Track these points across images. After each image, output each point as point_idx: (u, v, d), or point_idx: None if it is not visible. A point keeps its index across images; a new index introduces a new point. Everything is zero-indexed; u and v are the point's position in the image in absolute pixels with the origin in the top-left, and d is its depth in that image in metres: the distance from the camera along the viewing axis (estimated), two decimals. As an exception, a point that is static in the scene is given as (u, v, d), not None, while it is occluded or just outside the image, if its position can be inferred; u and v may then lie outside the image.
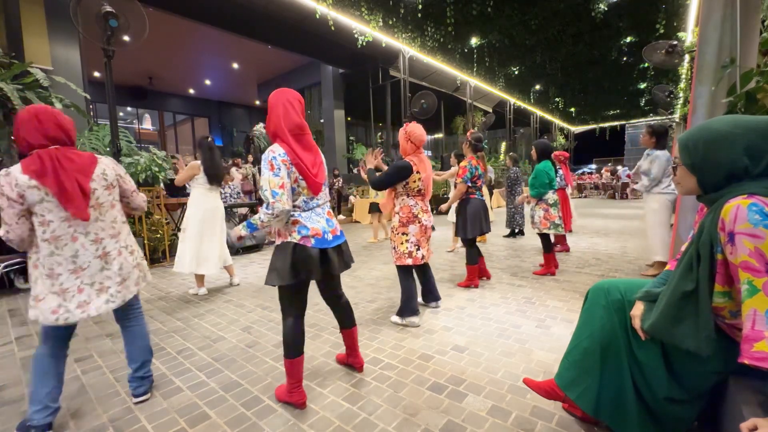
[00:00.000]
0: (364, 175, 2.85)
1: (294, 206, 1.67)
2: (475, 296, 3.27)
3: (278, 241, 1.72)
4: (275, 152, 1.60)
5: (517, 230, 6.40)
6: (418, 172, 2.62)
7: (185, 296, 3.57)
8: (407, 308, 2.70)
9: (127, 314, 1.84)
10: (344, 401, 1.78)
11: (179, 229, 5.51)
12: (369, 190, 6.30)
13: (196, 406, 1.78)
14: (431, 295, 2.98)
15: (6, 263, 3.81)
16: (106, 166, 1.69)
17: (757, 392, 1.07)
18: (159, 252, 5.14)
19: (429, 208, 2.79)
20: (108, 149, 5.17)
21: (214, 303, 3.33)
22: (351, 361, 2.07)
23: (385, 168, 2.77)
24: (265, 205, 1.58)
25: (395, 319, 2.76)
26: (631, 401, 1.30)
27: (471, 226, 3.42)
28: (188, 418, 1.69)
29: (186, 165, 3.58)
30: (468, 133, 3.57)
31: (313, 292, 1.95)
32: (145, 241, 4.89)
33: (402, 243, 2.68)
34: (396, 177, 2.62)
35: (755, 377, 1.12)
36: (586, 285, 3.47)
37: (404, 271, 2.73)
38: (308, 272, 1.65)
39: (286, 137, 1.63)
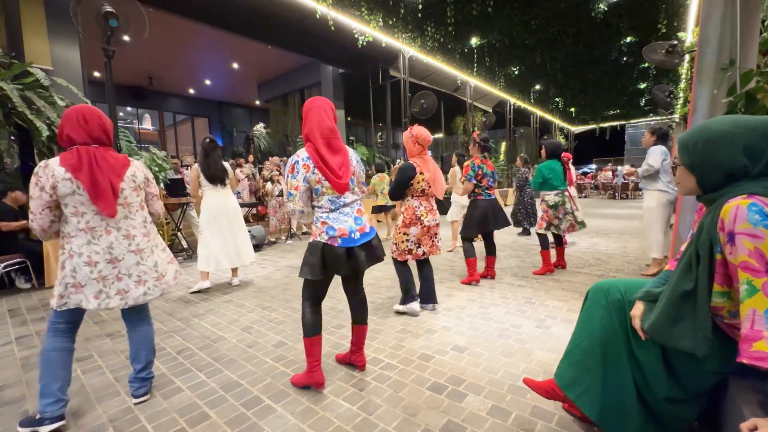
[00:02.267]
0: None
1: (320, 206, 1.81)
2: (475, 296, 3.28)
3: (311, 239, 1.84)
4: (299, 156, 1.78)
5: (521, 229, 6.60)
6: (421, 173, 2.73)
7: (185, 296, 3.57)
8: (408, 296, 2.85)
9: (139, 315, 1.89)
10: (344, 401, 1.78)
11: (179, 229, 5.53)
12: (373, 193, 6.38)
13: (196, 406, 1.78)
14: (428, 298, 2.97)
15: (6, 263, 3.80)
16: (137, 169, 1.80)
17: (757, 392, 1.07)
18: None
19: (434, 208, 2.90)
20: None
21: (214, 303, 3.33)
22: (353, 359, 2.09)
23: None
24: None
25: (398, 307, 2.90)
26: (631, 401, 1.30)
27: (470, 227, 3.52)
28: (188, 418, 1.69)
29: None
30: (474, 134, 3.65)
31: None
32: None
33: (403, 241, 2.83)
34: (404, 180, 2.76)
35: (755, 377, 1.12)
36: (586, 285, 3.47)
37: (399, 263, 2.89)
38: (335, 269, 1.80)
39: (316, 141, 1.78)
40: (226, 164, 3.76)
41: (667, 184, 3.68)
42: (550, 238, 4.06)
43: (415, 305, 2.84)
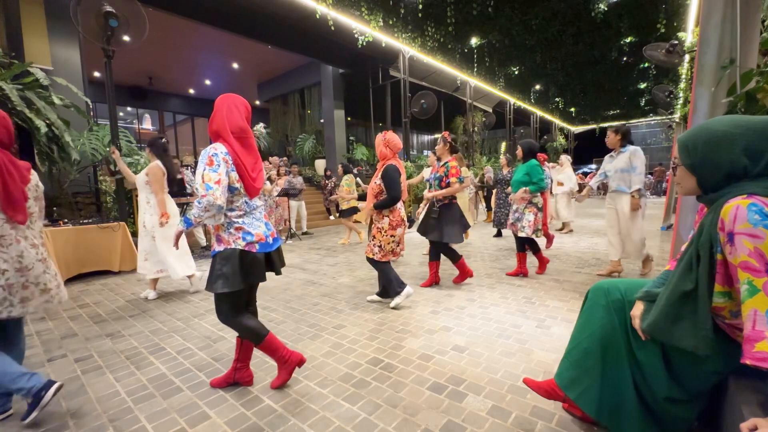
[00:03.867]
0: (370, 206, 3.03)
1: (233, 208, 1.71)
2: (475, 296, 3.27)
3: (220, 248, 1.72)
4: (217, 149, 1.64)
5: (496, 231, 6.49)
6: (400, 174, 2.92)
7: (185, 296, 3.56)
8: (397, 282, 2.95)
9: (19, 324, 1.79)
10: (344, 401, 1.78)
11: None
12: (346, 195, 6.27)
13: (196, 406, 1.78)
14: (385, 291, 3.14)
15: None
16: (36, 179, 1.74)
17: (757, 392, 1.07)
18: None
19: (401, 206, 3.05)
20: (108, 149, 5.17)
21: (214, 303, 3.33)
22: (238, 376, 1.92)
23: None
24: (197, 199, 1.61)
25: (396, 302, 2.97)
26: (631, 401, 1.30)
27: (458, 233, 3.41)
28: (188, 418, 1.69)
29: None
30: (445, 134, 3.55)
31: (325, 294, 1.95)
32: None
33: (389, 243, 2.96)
34: (398, 182, 2.87)
35: (755, 377, 1.12)
36: (586, 285, 3.47)
37: (382, 264, 2.99)
38: (255, 277, 1.73)
39: (228, 137, 1.68)
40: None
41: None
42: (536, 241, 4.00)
43: (408, 289, 2.97)
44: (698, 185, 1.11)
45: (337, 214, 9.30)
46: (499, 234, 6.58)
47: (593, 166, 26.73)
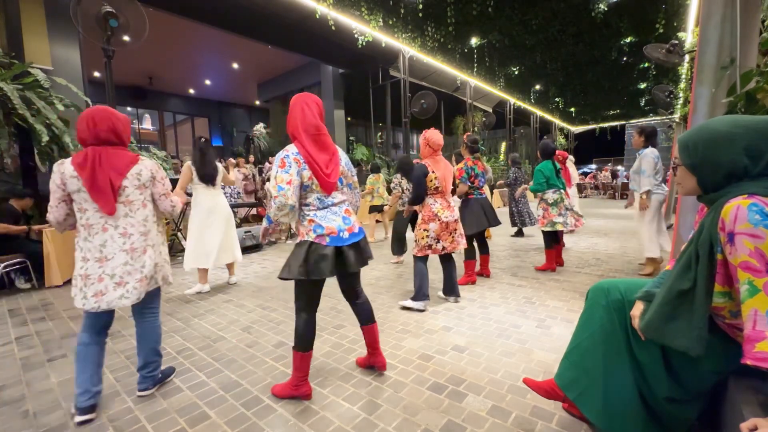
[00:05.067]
0: (407, 208, 3.28)
1: (308, 203, 1.76)
2: (475, 296, 3.27)
3: (298, 240, 1.79)
4: (288, 151, 1.72)
5: (516, 230, 6.48)
6: (433, 172, 2.89)
7: (185, 296, 3.57)
8: (419, 293, 2.96)
9: (142, 312, 1.90)
10: (344, 401, 1.78)
11: (179, 229, 5.52)
12: (368, 193, 6.28)
13: (196, 406, 1.78)
14: (450, 291, 3.15)
15: (6, 263, 3.80)
16: (145, 167, 1.80)
17: (757, 392, 1.07)
18: (159, 252, 5.13)
19: (450, 204, 3.02)
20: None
21: (214, 303, 3.33)
22: (372, 361, 2.03)
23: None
24: (272, 200, 1.66)
25: (406, 302, 2.99)
26: (631, 401, 1.30)
27: (469, 224, 3.56)
28: (188, 418, 1.69)
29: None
30: (465, 136, 3.83)
31: (325, 294, 1.95)
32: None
33: (423, 237, 2.95)
34: (422, 182, 2.91)
35: (755, 377, 1.12)
36: (586, 285, 3.47)
37: (419, 260, 2.99)
38: (320, 269, 1.69)
39: (301, 137, 1.73)
40: (219, 164, 3.79)
41: (655, 186, 3.69)
42: (556, 236, 4.16)
43: (421, 305, 2.94)
44: (698, 185, 1.11)
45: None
46: (519, 233, 6.57)
47: (593, 166, 26.73)
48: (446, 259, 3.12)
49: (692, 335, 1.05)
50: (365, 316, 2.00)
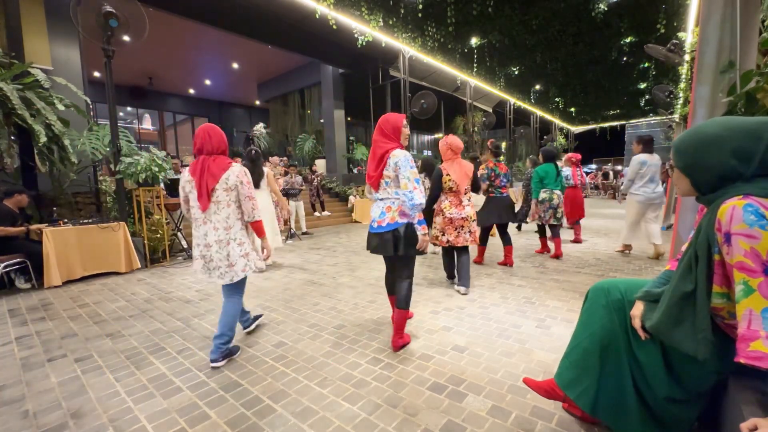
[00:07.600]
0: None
1: (374, 196, 2.29)
2: (475, 296, 3.28)
3: None
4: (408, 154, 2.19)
5: (517, 225, 7.17)
6: (448, 174, 3.27)
7: (185, 296, 3.57)
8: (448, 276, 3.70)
9: (229, 292, 2.27)
10: (344, 401, 1.78)
11: (179, 229, 5.53)
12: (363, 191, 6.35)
13: (196, 406, 1.78)
14: (461, 281, 3.40)
15: (6, 263, 3.80)
16: (232, 173, 2.14)
17: (757, 392, 1.07)
18: (159, 252, 5.13)
19: (461, 203, 3.34)
20: (108, 149, 5.17)
21: (214, 303, 3.33)
22: (392, 339, 2.37)
23: None
24: (416, 191, 2.08)
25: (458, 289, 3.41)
26: (631, 401, 1.30)
27: (480, 218, 4.07)
28: (188, 418, 1.69)
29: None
30: (489, 142, 4.33)
31: (325, 294, 1.95)
32: (145, 241, 4.89)
33: (433, 229, 3.44)
34: (438, 183, 3.32)
35: (755, 377, 1.12)
36: (586, 285, 3.47)
37: (442, 249, 3.67)
38: (368, 244, 2.31)
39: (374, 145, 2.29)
40: (266, 168, 4.50)
41: (637, 188, 4.33)
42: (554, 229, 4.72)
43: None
44: (693, 186, 1.12)
45: (323, 212, 9.30)
46: (518, 227, 7.25)
47: (593, 166, 26.75)
48: (460, 252, 3.43)
49: (697, 338, 1.05)
50: (397, 300, 2.31)
